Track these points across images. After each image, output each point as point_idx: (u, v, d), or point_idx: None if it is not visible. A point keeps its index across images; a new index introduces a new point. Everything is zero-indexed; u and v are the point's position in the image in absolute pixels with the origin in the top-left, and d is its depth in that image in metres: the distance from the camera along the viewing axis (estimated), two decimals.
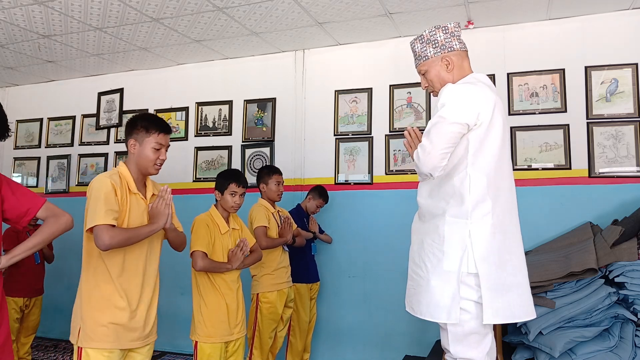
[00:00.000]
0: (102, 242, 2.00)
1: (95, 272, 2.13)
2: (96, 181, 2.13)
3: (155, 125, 2.27)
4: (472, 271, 1.95)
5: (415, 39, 2.20)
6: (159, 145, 2.26)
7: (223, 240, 2.91)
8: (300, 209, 4.02)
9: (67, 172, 5.39)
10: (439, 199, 2.07)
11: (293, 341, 3.86)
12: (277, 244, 3.45)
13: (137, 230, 2.13)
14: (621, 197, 3.54)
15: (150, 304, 2.24)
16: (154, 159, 2.25)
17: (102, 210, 2.02)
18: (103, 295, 2.10)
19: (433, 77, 2.18)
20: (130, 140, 2.27)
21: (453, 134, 1.97)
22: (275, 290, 3.41)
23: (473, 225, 1.97)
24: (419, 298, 2.06)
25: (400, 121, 4.21)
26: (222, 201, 2.95)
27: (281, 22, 3.89)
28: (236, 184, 2.93)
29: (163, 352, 4.64)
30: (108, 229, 2.01)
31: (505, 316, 1.96)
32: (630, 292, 2.77)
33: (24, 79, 5.47)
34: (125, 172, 2.23)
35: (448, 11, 3.67)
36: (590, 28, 3.76)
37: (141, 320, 2.18)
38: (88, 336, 2.07)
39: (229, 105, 4.80)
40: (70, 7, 3.63)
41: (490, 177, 1.99)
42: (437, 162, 1.99)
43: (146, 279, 2.22)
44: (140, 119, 2.30)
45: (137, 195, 2.22)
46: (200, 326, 2.75)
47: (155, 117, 2.35)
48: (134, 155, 2.26)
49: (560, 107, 3.78)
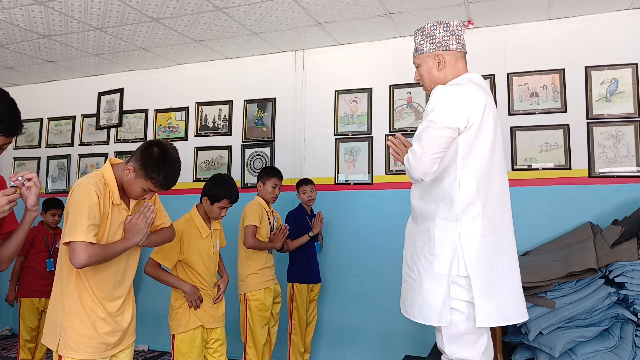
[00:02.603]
0: (78, 260, 1.89)
1: (76, 281, 2.05)
2: (81, 189, 1.97)
3: (160, 180, 2.04)
4: (462, 274, 1.95)
5: (418, 30, 2.20)
6: (149, 190, 2.07)
7: (204, 244, 2.89)
8: (301, 208, 4.00)
9: (67, 172, 5.39)
10: (430, 201, 2.07)
11: (295, 340, 3.86)
12: (263, 247, 3.45)
13: (113, 246, 2.03)
14: (621, 197, 3.54)
15: (127, 309, 2.18)
16: (140, 196, 2.10)
17: (84, 226, 1.90)
18: (83, 305, 2.04)
19: (424, 72, 2.18)
20: (130, 163, 2.06)
21: (444, 138, 1.96)
22: (262, 288, 3.42)
23: (463, 228, 1.97)
24: (412, 301, 2.06)
25: (400, 121, 4.21)
26: (208, 209, 2.92)
27: (281, 22, 3.89)
28: (229, 201, 2.91)
29: (163, 352, 4.64)
30: (87, 247, 1.90)
31: (498, 319, 1.96)
32: (630, 292, 2.77)
33: (24, 79, 5.47)
34: (110, 178, 2.06)
35: (448, 11, 3.66)
36: (590, 28, 3.76)
37: (121, 327, 2.14)
38: (69, 345, 2.01)
39: (229, 105, 4.80)
40: (70, 7, 3.62)
41: (480, 180, 1.99)
42: (428, 167, 1.97)
43: (124, 287, 2.17)
44: (154, 159, 2.03)
45: (119, 206, 2.09)
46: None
47: (168, 168, 2.06)
48: (126, 176, 2.06)
49: (560, 107, 3.78)
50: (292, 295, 3.84)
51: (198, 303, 2.81)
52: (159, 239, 2.32)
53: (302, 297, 3.85)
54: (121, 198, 2.10)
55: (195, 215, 2.92)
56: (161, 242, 2.37)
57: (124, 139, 5.19)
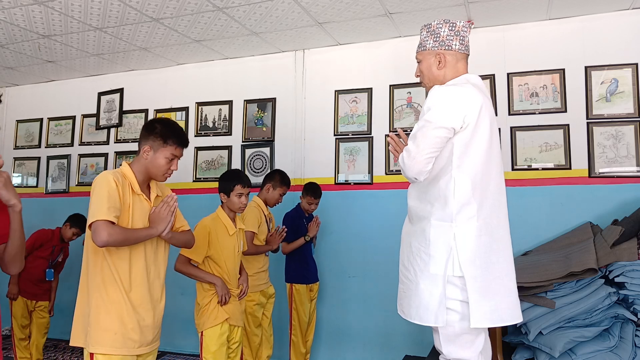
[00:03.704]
0: (99, 239, 1.94)
1: (103, 275, 2.08)
2: (99, 178, 2.07)
3: (175, 137, 2.19)
4: (457, 274, 1.95)
5: (424, 26, 2.20)
6: (174, 156, 2.20)
7: (231, 241, 2.92)
8: (299, 210, 4.01)
9: (67, 172, 5.39)
10: (425, 202, 2.07)
11: (295, 340, 3.86)
12: (261, 251, 3.47)
13: (136, 232, 2.09)
14: (621, 197, 3.54)
15: (157, 309, 2.21)
16: (166, 169, 2.19)
17: (105, 207, 1.98)
18: (111, 301, 2.07)
19: (424, 69, 2.19)
20: (145, 145, 2.18)
21: (439, 138, 1.97)
22: (257, 291, 3.44)
23: (458, 229, 1.97)
24: (409, 301, 2.06)
25: (400, 121, 4.21)
26: (228, 203, 2.96)
27: (281, 22, 3.89)
28: (241, 186, 2.94)
29: (163, 352, 4.64)
30: (107, 225, 1.96)
31: (493, 320, 1.96)
32: (630, 292, 2.77)
33: (24, 79, 5.47)
34: (128, 173, 2.16)
35: (448, 11, 3.66)
36: (590, 28, 3.76)
37: (149, 327, 2.16)
38: (97, 341, 2.04)
39: (229, 105, 4.80)
40: (70, 7, 3.63)
41: (475, 180, 1.99)
42: (423, 167, 1.99)
43: (153, 283, 2.19)
44: (161, 125, 2.21)
45: (140, 197, 2.17)
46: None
47: (175, 127, 2.25)
48: (146, 160, 2.18)
49: (560, 107, 3.78)
50: (292, 295, 3.84)
51: (228, 297, 2.84)
52: (181, 238, 2.37)
53: (302, 297, 3.85)
54: (142, 190, 2.19)
55: (221, 213, 2.97)
56: (182, 242, 2.40)
57: (124, 139, 5.19)
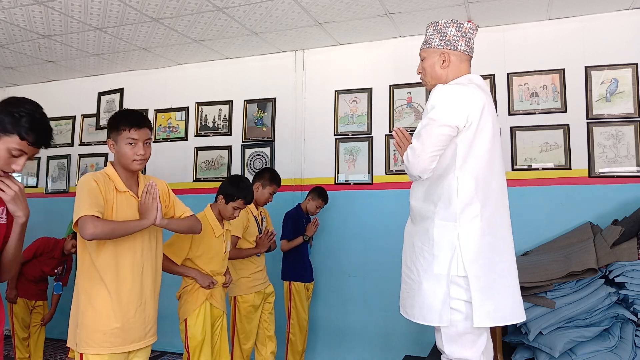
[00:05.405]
0: (86, 232, 1.94)
1: (90, 275, 2.09)
2: (81, 180, 2.13)
3: (125, 121, 2.19)
4: (461, 274, 1.95)
5: (431, 23, 2.20)
6: (132, 140, 2.17)
7: (216, 243, 2.88)
8: (299, 209, 4.01)
9: (67, 172, 5.39)
10: (428, 201, 2.07)
11: (293, 340, 3.86)
12: (243, 255, 3.35)
13: (124, 223, 2.08)
14: (621, 197, 3.54)
15: (148, 305, 2.19)
16: (132, 155, 2.17)
17: (86, 204, 2.00)
18: (98, 300, 2.07)
19: (427, 67, 2.19)
20: (109, 140, 2.25)
21: (443, 136, 1.98)
22: (253, 292, 3.37)
23: (461, 228, 1.97)
24: (412, 301, 2.06)
25: (400, 121, 4.21)
26: (222, 207, 2.92)
27: (281, 22, 3.89)
28: (244, 202, 2.93)
29: (163, 352, 4.64)
30: (92, 218, 1.97)
31: (496, 319, 1.97)
32: (630, 292, 2.77)
33: (24, 79, 5.47)
34: (111, 172, 2.20)
35: (448, 11, 3.66)
36: (590, 28, 3.76)
37: (139, 323, 2.15)
38: (85, 342, 2.05)
39: (229, 105, 4.80)
40: (70, 7, 3.62)
41: (479, 180, 1.99)
42: (427, 165, 2.00)
43: (144, 279, 2.18)
44: (112, 117, 2.26)
45: (126, 193, 2.18)
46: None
47: (126, 112, 2.27)
48: (116, 155, 2.23)
49: (560, 107, 3.78)
50: (290, 293, 3.84)
51: (211, 284, 2.81)
52: (182, 224, 2.35)
53: (300, 295, 3.85)
54: (130, 187, 2.21)
55: (209, 214, 2.92)
56: (186, 228, 2.38)
57: None
